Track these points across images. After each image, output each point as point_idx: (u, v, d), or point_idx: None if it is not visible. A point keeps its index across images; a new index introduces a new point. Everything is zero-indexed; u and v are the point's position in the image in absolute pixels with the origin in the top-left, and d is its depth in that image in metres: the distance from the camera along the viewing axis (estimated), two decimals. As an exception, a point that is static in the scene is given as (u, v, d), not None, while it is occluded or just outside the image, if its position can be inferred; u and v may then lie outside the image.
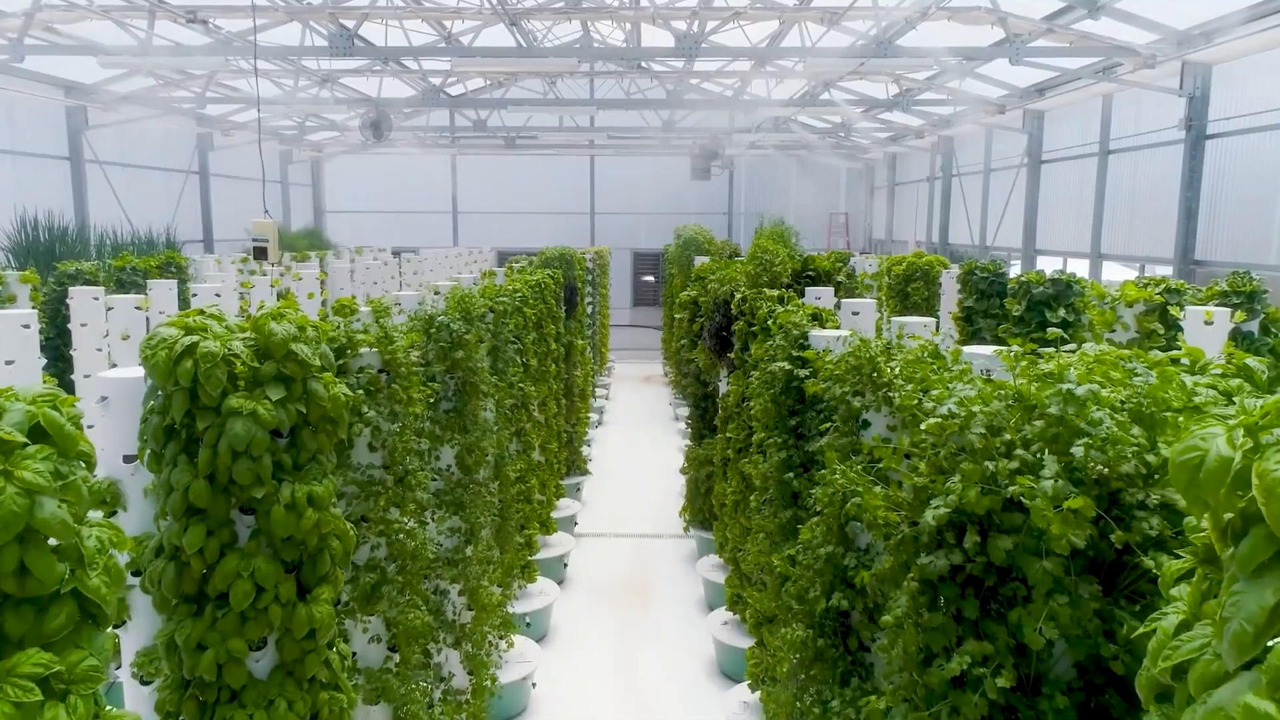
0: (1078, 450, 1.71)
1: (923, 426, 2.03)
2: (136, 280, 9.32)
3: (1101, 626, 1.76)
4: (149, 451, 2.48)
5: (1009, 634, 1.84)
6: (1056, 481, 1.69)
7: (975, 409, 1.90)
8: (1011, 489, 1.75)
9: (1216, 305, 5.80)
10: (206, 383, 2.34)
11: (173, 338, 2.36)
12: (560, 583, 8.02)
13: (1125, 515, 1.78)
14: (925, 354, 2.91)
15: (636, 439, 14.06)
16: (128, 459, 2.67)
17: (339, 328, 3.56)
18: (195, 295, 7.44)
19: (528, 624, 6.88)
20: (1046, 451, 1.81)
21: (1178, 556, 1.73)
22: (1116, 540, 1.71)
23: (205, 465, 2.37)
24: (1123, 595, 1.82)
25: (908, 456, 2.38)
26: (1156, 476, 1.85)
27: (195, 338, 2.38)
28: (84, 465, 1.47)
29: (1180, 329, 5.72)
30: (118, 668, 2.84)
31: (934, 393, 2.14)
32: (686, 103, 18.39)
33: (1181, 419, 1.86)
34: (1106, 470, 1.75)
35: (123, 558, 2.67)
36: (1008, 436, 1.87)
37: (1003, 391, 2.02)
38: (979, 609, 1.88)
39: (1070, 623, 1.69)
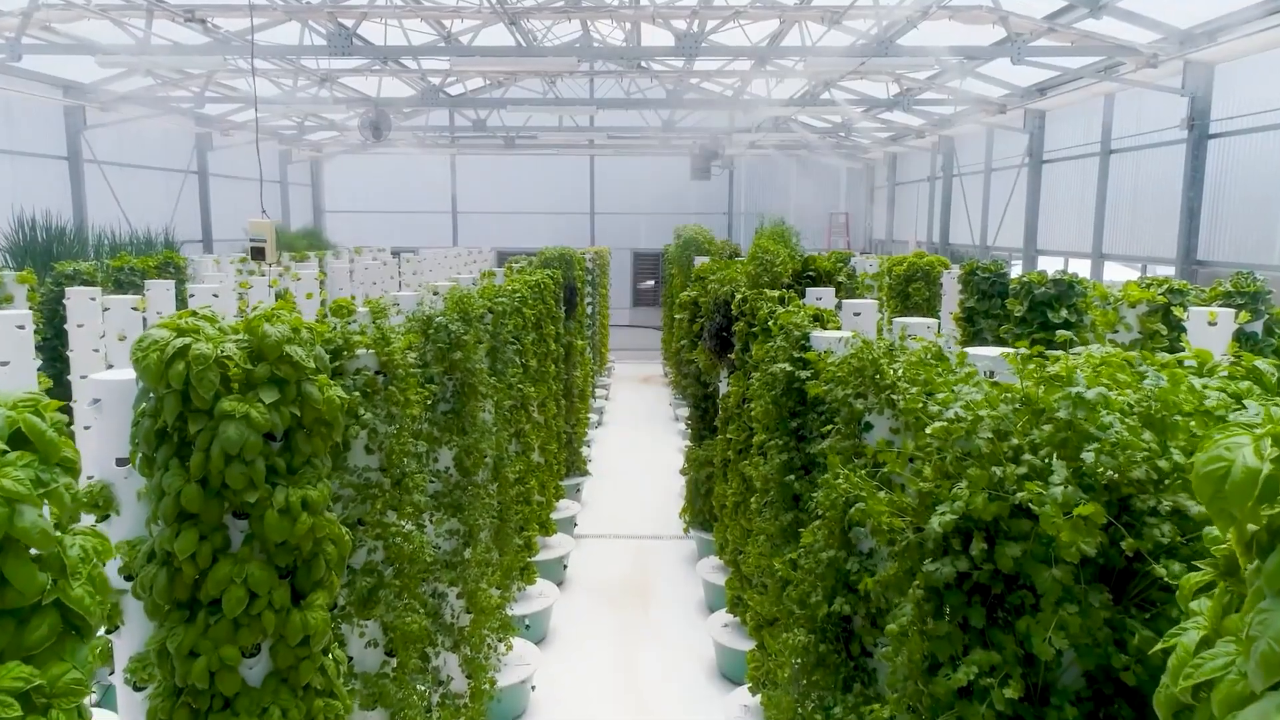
0: (1088, 456, 1.67)
1: (928, 430, 1.99)
2: (134, 280, 9.28)
3: (1111, 636, 1.72)
4: (140, 455, 2.44)
5: (1016, 643, 1.80)
6: (1066, 488, 1.65)
7: (982, 413, 1.86)
8: (1019, 495, 1.71)
9: (1220, 306, 5.76)
10: (199, 385, 2.30)
11: (164, 339, 2.32)
12: (560, 584, 7.99)
13: (1136, 522, 1.74)
14: (929, 356, 2.87)
15: (636, 439, 14.02)
16: (121, 462, 2.63)
17: (335, 329, 3.52)
18: (193, 296, 7.40)
19: (527, 626, 6.84)
20: (1055, 456, 1.77)
21: (1191, 564, 1.69)
22: (1127, 548, 1.66)
23: (197, 469, 2.33)
24: (1133, 603, 1.78)
25: (911, 460, 2.34)
26: (1166, 482, 1.81)
27: (187, 340, 2.34)
28: (67, 472, 1.43)
29: (1184, 330, 5.68)
30: (111, 673, 2.80)
31: (939, 396, 2.10)
32: (686, 102, 18.35)
33: (1193, 423, 1.82)
34: (1116, 476, 1.71)
35: (115, 563, 2.64)
36: (1015, 441, 1.83)
37: (1009, 395, 1.98)
38: (985, 617, 1.84)
39: (1080, 632, 1.65)
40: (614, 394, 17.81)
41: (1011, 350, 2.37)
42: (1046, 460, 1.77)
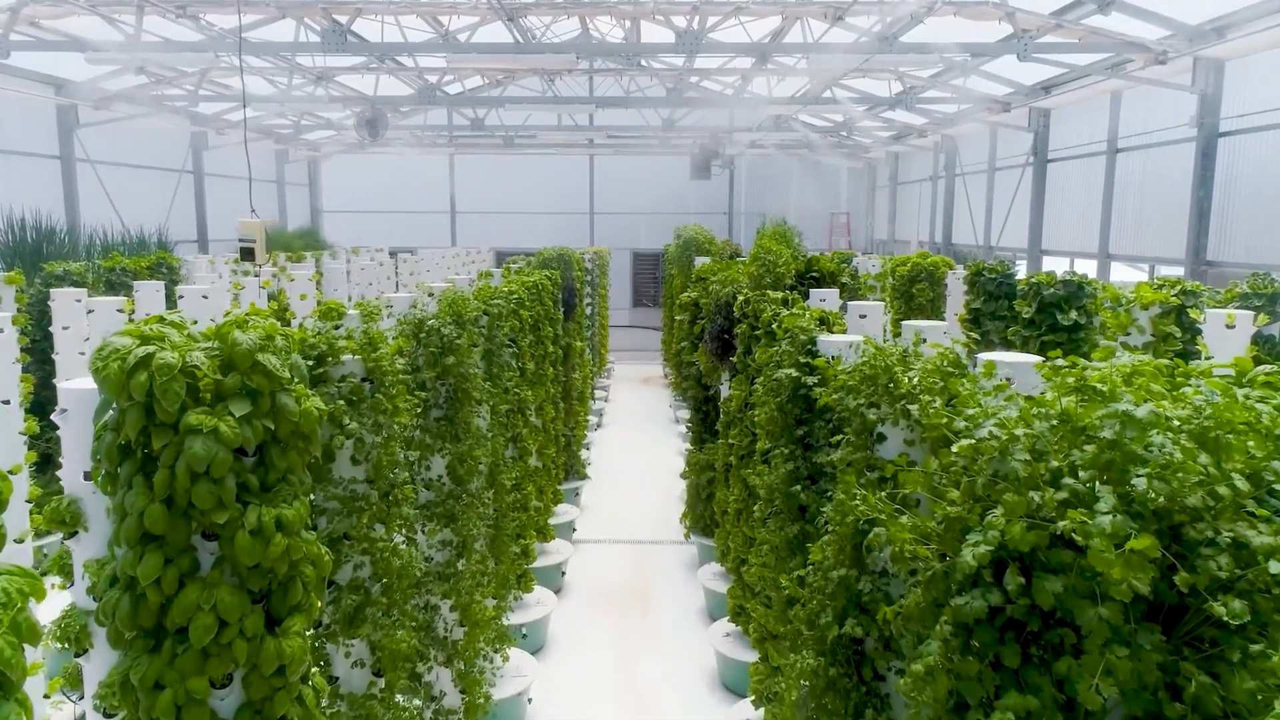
0: (1139, 481, 1.50)
1: (954, 449, 1.82)
2: (126, 281, 9.11)
3: (1162, 679, 1.55)
4: (103, 472, 2.27)
5: (1054, 685, 1.63)
6: (1115, 517, 1.48)
7: (1018, 431, 1.69)
8: (1061, 524, 1.54)
9: (1236, 308, 5.60)
10: (163, 397, 2.13)
11: (126, 348, 2.15)
12: (557, 591, 7.81)
13: (1188, 553, 1.57)
14: (945, 363, 2.70)
15: (636, 441, 13.86)
16: (88, 476, 2.47)
17: (319, 334, 3.35)
18: (182, 297, 7.22)
19: (524, 635, 6.68)
20: (1098, 481, 1.60)
21: (1252, 601, 1.51)
22: (1182, 583, 1.50)
23: (162, 488, 2.16)
24: (1183, 642, 1.61)
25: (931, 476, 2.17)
26: (1218, 507, 1.64)
27: (151, 348, 2.16)
28: (-10, 504, 1.26)
29: (1199, 332, 5.52)
30: (80, 698, 2.65)
31: (969, 411, 1.92)
32: (686, 101, 18.15)
33: (1251, 442, 1.65)
34: (1168, 503, 1.54)
35: (84, 582, 2.47)
36: (1054, 463, 1.66)
37: (1043, 410, 1.80)
38: (1020, 656, 1.67)
39: (1130, 678, 1.48)
40: (613, 395, 17.64)
41: (1042, 359, 2.20)
42: (1089, 484, 1.60)
